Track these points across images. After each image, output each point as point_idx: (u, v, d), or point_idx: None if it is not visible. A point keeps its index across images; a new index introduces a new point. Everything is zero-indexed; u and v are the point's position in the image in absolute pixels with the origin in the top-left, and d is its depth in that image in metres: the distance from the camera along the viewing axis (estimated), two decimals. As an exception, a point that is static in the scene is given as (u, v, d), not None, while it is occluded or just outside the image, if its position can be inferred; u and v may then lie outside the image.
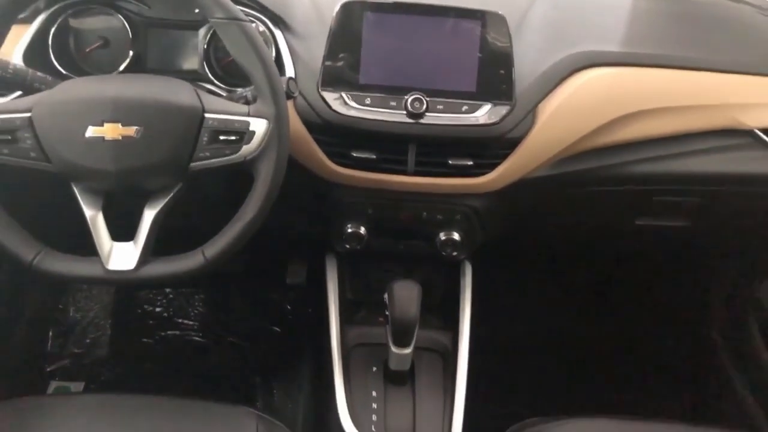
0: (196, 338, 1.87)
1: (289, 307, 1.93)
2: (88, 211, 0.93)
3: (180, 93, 0.94)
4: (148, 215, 0.94)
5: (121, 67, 1.15)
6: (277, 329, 1.90)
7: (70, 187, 0.94)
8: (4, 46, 0.93)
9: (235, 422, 1.02)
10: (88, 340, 1.84)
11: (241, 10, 0.98)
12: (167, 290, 1.93)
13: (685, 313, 1.83)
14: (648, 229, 1.34)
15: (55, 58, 1.13)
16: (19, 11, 0.95)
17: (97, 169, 0.91)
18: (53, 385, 1.71)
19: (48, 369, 1.75)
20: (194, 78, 1.15)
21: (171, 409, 1.04)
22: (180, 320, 1.90)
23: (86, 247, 0.95)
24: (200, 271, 0.95)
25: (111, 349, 1.84)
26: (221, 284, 1.94)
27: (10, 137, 0.89)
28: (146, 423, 1.01)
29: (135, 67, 1.16)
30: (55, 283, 1.83)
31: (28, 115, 0.90)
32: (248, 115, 0.93)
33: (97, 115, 0.89)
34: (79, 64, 1.16)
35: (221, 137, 0.92)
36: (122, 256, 0.94)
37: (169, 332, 1.87)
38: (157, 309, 1.91)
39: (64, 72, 1.13)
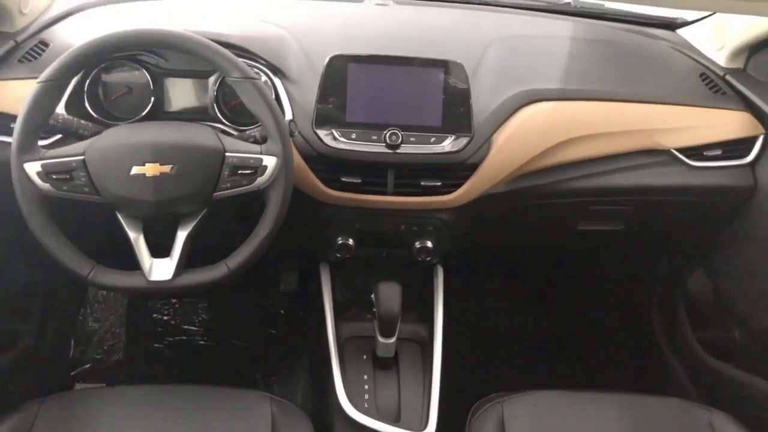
0: (201, 342, 2.01)
1: (282, 311, 2.07)
2: (132, 234, 1.09)
3: (205, 136, 1.11)
4: (181, 235, 1.10)
5: (144, 112, 1.28)
6: (273, 331, 2.04)
7: (115, 214, 1.10)
8: None
9: (252, 404, 1.17)
10: (105, 347, 1.96)
11: (246, 63, 1.15)
12: (173, 300, 2.06)
13: (627, 302, 1.98)
14: (589, 233, 1.50)
15: (89, 105, 1.26)
16: (73, 77, 1.12)
17: (140, 200, 1.07)
18: (78, 387, 1.84)
19: (72, 373, 1.89)
20: (205, 118, 1.29)
21: (196, 395, 1.19)
22: (186, 326, 2.03)
23: (125, 261, 1.11)
24: (225, 280, 1.11)
25: (126, 354, 1.97)
26: (222, 293, 2.05)
27: (68, 176, 1.06)
28: (176, 407, 1.16)
29: (155, 111, 1.29)
30: (75, 297, 1.98)
31: (82, 157, 1.06)
32: (261, 153, 1.10)
33: (140, 156, 1.06)
34: (107, 109, 1.29)
35: (239, 171, 1.09)
36: (160, 270, 1.10)
37: (176, 337, 2.00)
38: (165, 317, 2.03)
39: (95, 116, 1.26)
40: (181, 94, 1.33)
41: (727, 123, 1.39)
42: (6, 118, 1.23)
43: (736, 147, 1.40)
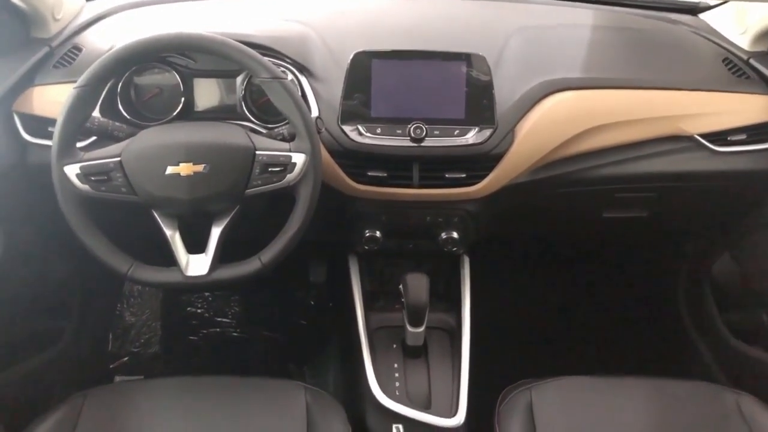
0: (234, 334, 2.05)
1: (312, 302, 2.11)
2: (168, 231, 1.13)
3: (236, 136, 1.14)
4: (215, 232, 1.14)
5: (175, 112, 1.32)
6: (304, 322, 2.08)
7: (151, 213, 1.13)
8: None
9: (287, 394, 1.20)
10: (142, 340, 2.02)
11: (273, 62, 1.17)
12: (206, 294, 2.10)
13: (654, 287, 1.98)
14: (614, 220, 1.50)
15: (122, 107, 1.31)
16: (109, 82, 1.16)
17: (175, 199, 1.11)
18: (117, 379, 1.89)
19: (111, 366, 1.94)
20: (234, 117, 1.32)
21: (232, 386, 1.22)
22: (219, 319, 2.07)
23: (161, 258, 1.15)
24: (258, 273, 1.15)
25: (162, 346, 2.02)
26: (253, 286, 2.07)
27: (105, 177, 1.10)
28: (214, 398, 1.20)
29: (186, 111, 1.33)
30: (112, 293, 2.03)
31: (119, 159, 1.10)
32: (290, 150, 1.13)
33: (174, 157, 1.09)
34: (139, 111, 1.34)
35: (270, 169, 1.12)
36: (197, 265, 1.14)
37: (210, 330, 2.05)
38: (199, 310, 2.08)
39: (128, 117, 1.30)
40: (210, 93, 1.37)
41: (751, 107, 1.39)
42: (45, 122, 1.28)
43: (761, 131, 1.39)
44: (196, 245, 1.16)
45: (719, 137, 1.38)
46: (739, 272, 1.59)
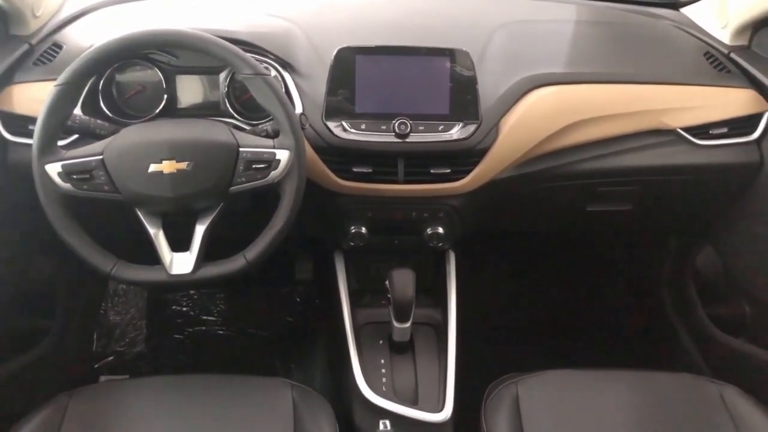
0: (220, 332, 2.04)
1: (298, 299, 2.11)
2: (152, 230, 1.12)
3: (219, 133, 1.14)
4: (199, 229, 1.13)
5: (157, 109, 1.31)
6: (290, 319, 2.08)
7: (134, 211, 1.12)
8: None
9: (273, 391, 1.20)
10: (127, 339, 2.00)
11: (256, 58, 1.17)
12: (192, 292, 2.09)
13: (638, 280, 2.00)
14: (598, 214, 1.51)
15: (104, 105, 1.29)
16: (90, 79, 1.15)
17: (159, 197, 1.10)
18: (102, 379, 1.87)
19: (96, 366, 1.92)
20: (217, 114, 1.31)
21: (218, 384, 1.22)
22: (205, 317, 2.06)
23: (146, 256, 1.14)
24: (243, 271, 1.14)
25: (147, 345, 2.01)
26: (238, 283, 2.09)
27: (88, 175, 1.09)
28: (200, 396, 1.19)
29: (168, 108, 1.32)
30: (96, 292, 2.02)
31: (101, 157, 1.09)
32: (274, 147, 1.12)
33: (157, 154, 1.09)
34: (122, 108, 1.32)
35: (254, 166, 1.11)
36: (181, 263, 1.13)
37: (196, 328, 2.04)
38: (184, 308, 2.07)
39: (110, 115, 1.29)
40: (193, 90, 1.36)
41: (732, 101, 1.40)
42: (25, 120, 1.26)
43: (742, 124, 1.40)
44: (180, 243, 1.15)
45: (701, 131, 1.39)
46: (722, 264, 1.61)
